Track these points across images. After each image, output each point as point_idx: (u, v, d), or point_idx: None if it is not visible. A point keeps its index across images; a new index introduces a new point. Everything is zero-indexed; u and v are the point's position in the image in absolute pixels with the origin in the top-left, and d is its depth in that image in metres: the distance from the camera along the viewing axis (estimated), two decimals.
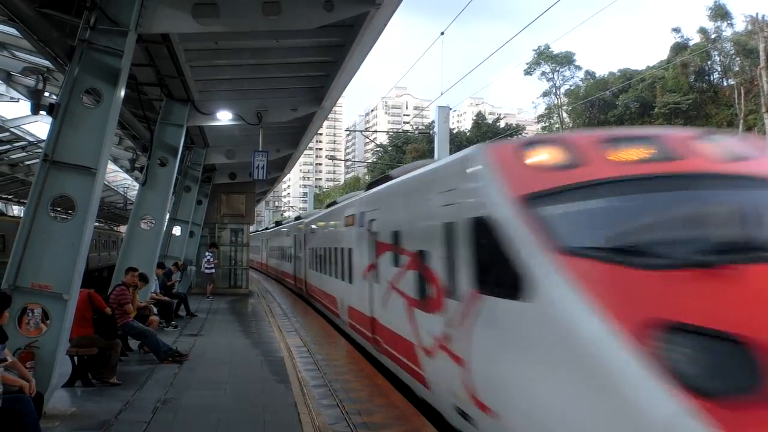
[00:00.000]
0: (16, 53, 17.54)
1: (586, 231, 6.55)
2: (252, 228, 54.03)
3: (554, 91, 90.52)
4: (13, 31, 14.42)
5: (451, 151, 26.20)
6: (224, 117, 21.49)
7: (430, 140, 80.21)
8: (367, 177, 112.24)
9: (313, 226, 27.11)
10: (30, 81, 17.75)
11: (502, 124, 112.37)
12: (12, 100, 21.73)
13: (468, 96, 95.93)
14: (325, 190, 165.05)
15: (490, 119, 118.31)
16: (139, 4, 11.72)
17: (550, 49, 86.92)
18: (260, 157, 21.57)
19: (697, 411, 4.62)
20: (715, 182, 6.88)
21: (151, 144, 19.54)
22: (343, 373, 13.96)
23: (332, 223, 21.76)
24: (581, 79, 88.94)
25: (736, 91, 60.54)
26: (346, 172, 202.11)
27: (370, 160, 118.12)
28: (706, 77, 73.43)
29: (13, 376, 8.14)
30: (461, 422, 8.45)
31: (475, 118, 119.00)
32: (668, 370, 4.90)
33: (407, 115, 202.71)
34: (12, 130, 26.50)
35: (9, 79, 19.12)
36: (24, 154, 31.49)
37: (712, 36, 69.12)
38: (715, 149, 7.16)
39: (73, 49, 11.20)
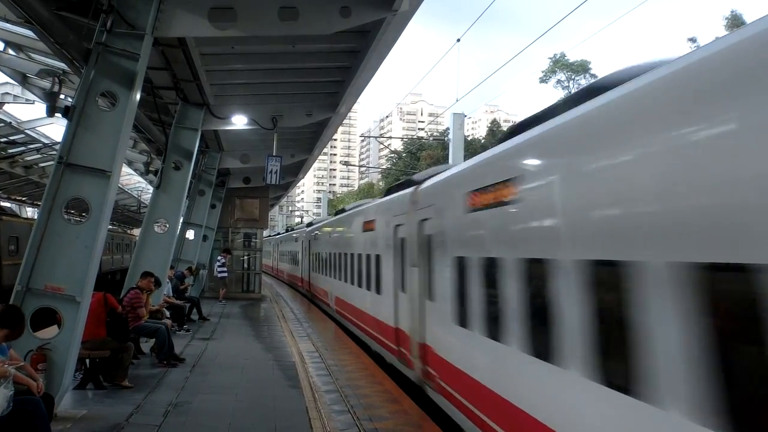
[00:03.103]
0: (33, 55, 17.61)
1: None
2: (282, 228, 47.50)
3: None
4: (29, 33, 14.47)
5: (465, 158, 24.44)
6: (239, 121, 21.49)
7: (444, 147, 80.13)
8: (381, 183, 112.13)
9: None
10: (46, 83, 17.85)
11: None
12: (27, 102, 21.82)
13: (483, 103, 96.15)
14: (339, 195, 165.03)
15: (504, 127, 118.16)
16: (155, 8, 11.75)
17: (565, 57, 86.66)
18: (274, 162, 21.57)
19: None
20: None
21: (165, 147, 19.59)
22: (355, 378, 13.92)
23: None
24: None
25: None
26: (360, 178, 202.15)
27: (384, 167, 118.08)
28: None
29: (22, 375, 8.13)
30: None
31: (489, 125, 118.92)
32: None
33: (422, 122, 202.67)
34: (27, 131, 26.64)
35: (25, 81, 19.18)
36: (39, 156, 31.61)
37: None
38: None
39: (90, 52, 11.24)
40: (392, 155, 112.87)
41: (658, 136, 5.11)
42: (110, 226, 44.91)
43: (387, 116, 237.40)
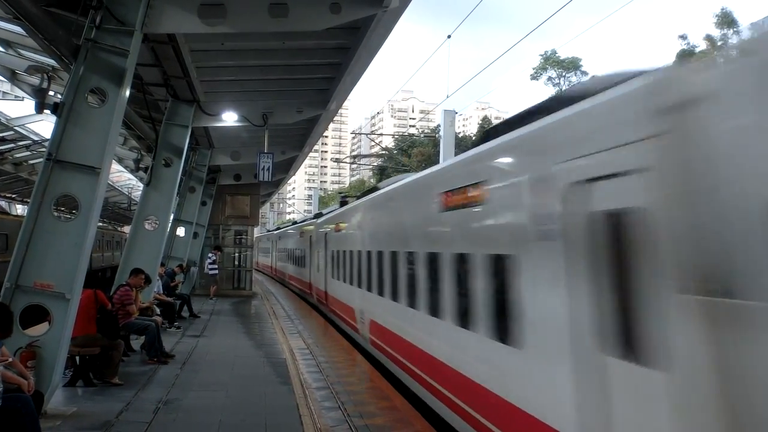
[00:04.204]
0: (22, 52, 17.54)
1: None
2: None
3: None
4: (18, 29, 14.41)
5: (456, 155, 24.56)
6: (229, 118, 21.47)
7: (435, 144, 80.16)
8: (372, 180, 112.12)
9: None
10: (35, 80, 17.77)
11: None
12: (17, 98, 21.75)
13: (474, 100, 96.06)
14: (330, 192, 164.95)
15: (495, 123, 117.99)
16: (145, 4, 11.72)
17: (556, 54, 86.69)
18: (265, 159, 21.53)
19: None
20: None
21: (156, 144, 19.55)
22: (346, 375, 13.93)
23: None
24: None
25: None
26: (352, 175, 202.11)
27: (375, 163, 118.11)
28: None
29: (12, 374, 8.11)
30: None
31: (480, 122, 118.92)
32: None
33: (413, 119, 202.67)
34: (16, 128, 26.51)
35: (14, 78, 19.09)
36: (28, 153, 31.49)
37: (719, 43, 68.88)
38: None
39: (79, 48, 11.19)
40: (383, 152, 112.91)
41: None
42: (100, 223, 44.78)
43: (378, 113, 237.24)
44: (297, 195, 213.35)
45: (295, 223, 48.57)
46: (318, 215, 31.84)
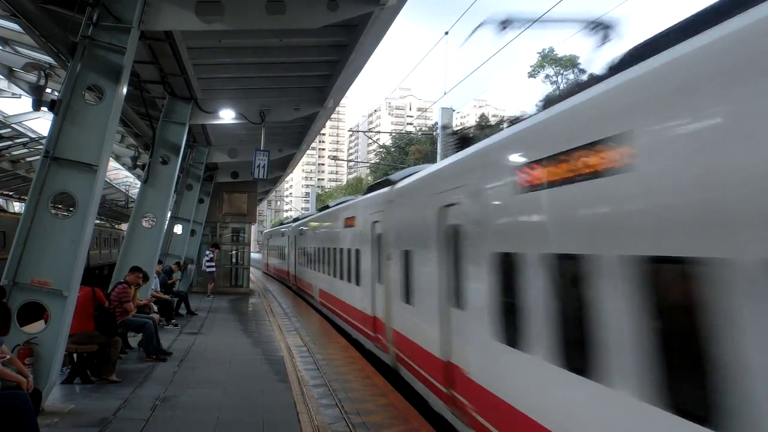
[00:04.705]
0: (19, 49, 17.50)
1: None
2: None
3: (558, 94, 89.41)
4: (15, 26, 14.39)
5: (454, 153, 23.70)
6: (227, 116, 21.45)
7: (433, 141, 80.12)
8: (369, 178, 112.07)
9: None
10: (32, 77, 17.68)
11: (505, 126, 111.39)
12: (14, 96, 21.67)
13: (471, 98, 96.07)
14: (327, 190, 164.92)
15: (493, 121, 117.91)
16: (142, 1, 11.74)
17: (554, 52, 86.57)
18: (261, 157, 21.51)
19: None
20: None
21: (153, 142, 19.53)
22: (343, 373, 13.93)
23: None
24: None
25: None
26: (349, 173, 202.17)
27: (373, 161, 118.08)
28: None
29: (11, 372, 8.11)
30: None
31: (478, 119, 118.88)
32: None
33: (411, 116, 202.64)
34: (13, 126, 26.44)
35: (11, 75, 19.02)
36: (25, 150, 31.42)
37: None
38: None
39: (76, 46, 11.18)
40: (381, 150, 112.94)
41: None
42: (98, 221, 44.73)
43: (375, 111, 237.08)
44: (294, 193, 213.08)
45: (326, 207, 29.77)
46: (383, 182, 17.03)
